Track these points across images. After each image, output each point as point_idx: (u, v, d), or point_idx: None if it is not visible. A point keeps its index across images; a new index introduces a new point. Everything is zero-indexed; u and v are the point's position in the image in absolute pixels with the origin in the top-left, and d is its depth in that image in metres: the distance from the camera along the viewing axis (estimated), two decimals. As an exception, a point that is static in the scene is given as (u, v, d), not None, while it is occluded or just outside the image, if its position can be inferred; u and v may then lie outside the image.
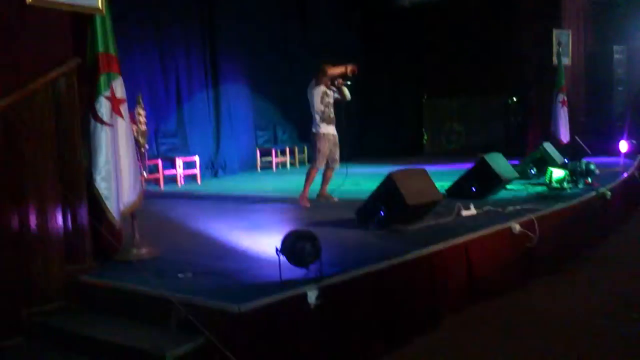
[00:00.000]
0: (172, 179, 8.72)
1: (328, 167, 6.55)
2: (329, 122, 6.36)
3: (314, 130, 6.34)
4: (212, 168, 9.84)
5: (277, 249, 3.32)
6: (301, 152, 11.52)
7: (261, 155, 10.74)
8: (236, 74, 10.30)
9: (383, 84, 13.07)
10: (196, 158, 8.96)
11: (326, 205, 6.34)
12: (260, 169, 10.69)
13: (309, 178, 6.36)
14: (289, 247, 3.32)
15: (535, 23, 10.78)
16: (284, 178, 9.38)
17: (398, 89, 13.08)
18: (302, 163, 11.43)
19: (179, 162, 8.74)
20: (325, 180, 6.61)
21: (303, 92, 11.45)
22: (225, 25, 9.96)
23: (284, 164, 11.07)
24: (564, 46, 10.45)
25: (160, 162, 8.46)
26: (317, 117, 6.29)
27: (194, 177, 9.00)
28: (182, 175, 8.84)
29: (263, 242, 4.28)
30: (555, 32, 10.41)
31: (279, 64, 11.20)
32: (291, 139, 11.56)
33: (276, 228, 4.73)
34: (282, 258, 3.33)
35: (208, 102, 9.93)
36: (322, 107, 6.31)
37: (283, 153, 11.07)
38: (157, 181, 8.44)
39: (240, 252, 4.16)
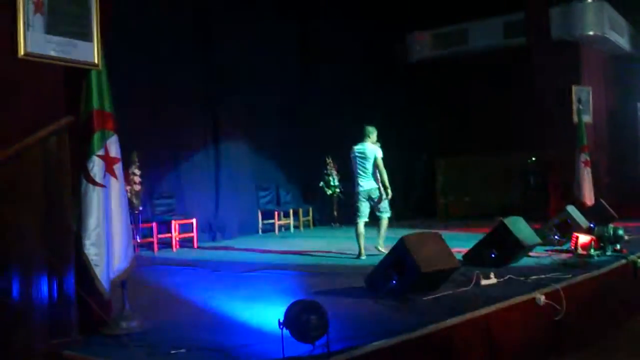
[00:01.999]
0: (167, 244, 8.67)
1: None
2: None
3: (378, 184, 7.22)
4: (210, 231, 9.79)
5: (279, 322, 3.25)
6: (305, 214, 11.49)
7: (263, 218, 10.72)
8: (237, 131, 10.40)
9: (392, 142, 13.15)
10: (193, 221, 8.94)
11: (334, 273, 6.28)
12: (262, 231, 10.64)
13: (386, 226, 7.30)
14: (292, 319, 3.26)
15: (554, 79, 10.98)
16: (288, 242, 9.32)
17: (409, 148, 13.16)
18: (306, 226, 11.39)
19: (175, 225, 8.72)
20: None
21: (307, 151, 11.50)
22: (227, 81, 10.13)
23: (287, 227, 11.02)
24: (585, 103, 10.58)
25: (154, 225, 8.43)
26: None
27: (190, 240, 8.95)
28: (178, 239, 8.79)
29: (264, 313, 4.20)
30: (574, 88, 10.58)
31: (283, 122, 11.34)
32: (295, 200, 11.57)
33: (279, 298, 4.66)
34: (285, 332, 3.25)
35: (207, 161, 9.98)
36: None
37: (286, 215, 11.05)
38: (150, 246, 8.39)
39: (239, 325, 4.08)
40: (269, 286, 5.59)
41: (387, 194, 7.20)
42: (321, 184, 11.57)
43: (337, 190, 11.62)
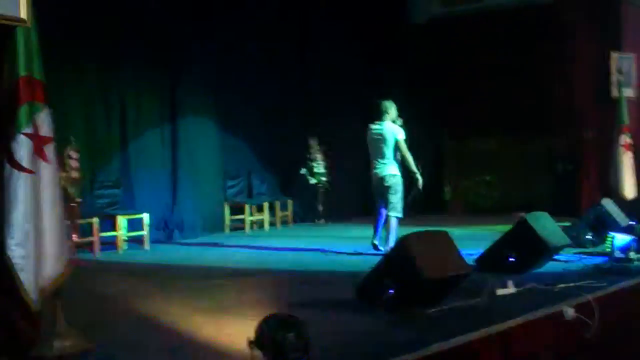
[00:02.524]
0: (112, 244, 8.65)
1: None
2: None
3: (396, 172, 7.63)
4: (166, 229, 9.77)
5: (249, 341, 3.26)
6: (283, 208, 11.49)
7: (231, 213, 10.71)
8: (200, 105, 10.34)
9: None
10: (145, 216, 8.92)
11: (318, 280, 6.31)
12: (230, 229, 10.62)
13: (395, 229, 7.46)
14: (265, 338, 3.27)
15: (588, 44, 11.01)
16: (261, 242, 9.31)
17: (412, 129, 13.15)
18: (284, 223, 11.40)
19: (122, 221, 8.70)
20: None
21: (286, 132, 11.52)
22: (187, 42, 10.06)
23: (260, 224, 11.03)
24: (627, 74, 10.65)
25: (96, 221, 8.40)
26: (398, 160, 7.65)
27: (140, 240, 8.92)
28: (125, 239, 8.77)
29: (231, 330, 4.22)
30: (614, 56, 10.64)
31: (258, 94, 11.28)
32: (270, 191, 11.55)
33: (249, 311, 4.67)
34: (257, 353, 3.26)
35: (162, 143, 9.93)
36: None
37: (260, 209, 11.05)
38: (91, 246, 8.37)
39: (201, 344, 4.09)
40: (237, 296, 5.62)
41: (416, 181, 7.60)
42: (303, 171, 11.57)
43: (323, 179, 11.62)
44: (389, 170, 7.57)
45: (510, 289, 5.22)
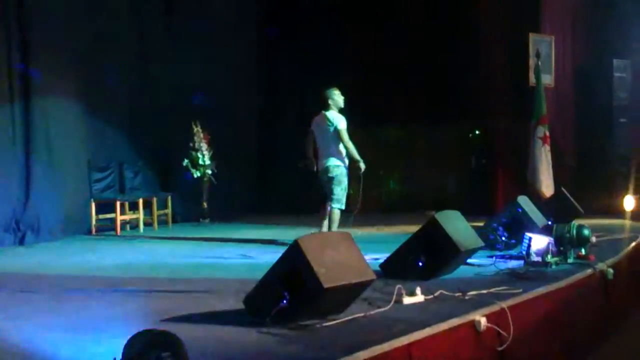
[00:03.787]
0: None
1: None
2: None
3: (340, 163, 8.38)
4: (17, 230, 9.54)
5: (116, 362, 3.21)
6: (162, 206, 11.36)
7: (98, 211, 10.53)
8: (60, 83, 10.13)
9: (290, 111, 13.19)
10: (-10, 215, 8.67)
11: (200, 291, 6.27)
12: (97, 231, 10.49)
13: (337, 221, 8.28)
14: (135, 357, 3.21)
15: (505, 27, 11.37)
16: (134, 247, 9.22)
17: (311, 117, 13.28)
18: (163, 222, 11.28)
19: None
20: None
21: (165, 115, 11.42)
22: (44, 6, 9.80)
23: (134, 224, 10.88)
24: (545, 59, 11.06)
25: None
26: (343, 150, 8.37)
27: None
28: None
29: (95, 349, 4.14)
30: (532, 38, 11.03)
31: (130, 70, 11.13)
32: (147, 185, 11.46)
33: (116, 327, 4.60)
34: (125, 376, 3.21)
35: (13, 126, 9.64)
36: None
37: (133, 207, 10.87)
38: None
39: (58, 366, 3.98)
40: (103, 310, 5.52)
41: (359, 169, 8.40)
42: (185, 162, 11.48)
43: (208, 172, 11.56)
44: (333, 160, 8.30)
45: (419, 297, 5.32)
